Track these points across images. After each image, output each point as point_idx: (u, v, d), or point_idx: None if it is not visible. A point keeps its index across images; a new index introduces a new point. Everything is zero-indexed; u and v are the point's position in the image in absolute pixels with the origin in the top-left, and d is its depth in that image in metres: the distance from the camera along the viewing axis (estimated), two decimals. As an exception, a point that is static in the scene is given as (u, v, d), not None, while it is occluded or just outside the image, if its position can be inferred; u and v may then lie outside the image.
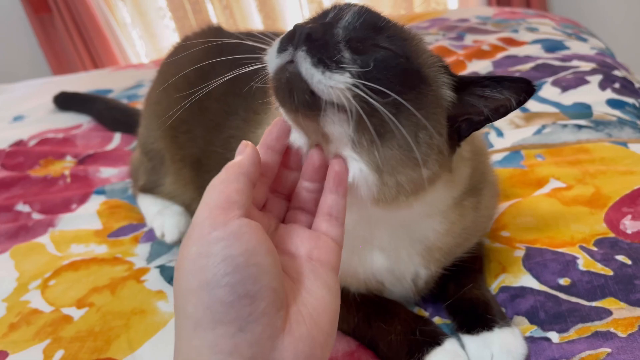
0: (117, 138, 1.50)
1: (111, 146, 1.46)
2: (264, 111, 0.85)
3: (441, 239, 0.67)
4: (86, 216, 1.14)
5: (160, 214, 1.03)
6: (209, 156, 0.92)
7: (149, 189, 1.09)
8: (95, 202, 1.19)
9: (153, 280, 0.92)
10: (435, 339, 0.64)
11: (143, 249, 1.03)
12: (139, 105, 1.48)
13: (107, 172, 1.32)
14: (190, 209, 1.00)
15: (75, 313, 0.86)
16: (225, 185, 0.46)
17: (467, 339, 0.65)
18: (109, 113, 1.58)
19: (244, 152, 0.50)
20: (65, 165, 1.37)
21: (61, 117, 1.70)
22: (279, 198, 0.56)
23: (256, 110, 0.86)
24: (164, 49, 3.14)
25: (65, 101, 1.73)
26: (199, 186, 0.95)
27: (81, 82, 2.01)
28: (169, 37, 3.20)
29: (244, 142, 0.51)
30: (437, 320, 0.72)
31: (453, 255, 0.72)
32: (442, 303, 0.73)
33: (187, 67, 1.00)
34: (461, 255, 0.73)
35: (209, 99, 0.94)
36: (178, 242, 0.99)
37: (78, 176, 1.31)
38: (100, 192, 1.23)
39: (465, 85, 0.59)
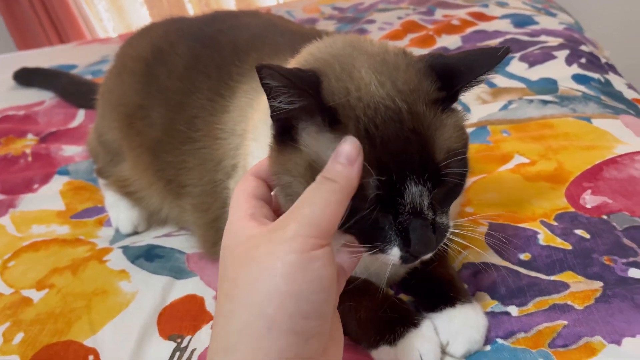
0: (80, 115, 1.46)
1: (75, 123, 1.42)
2: (230, 96, 0.83)
3: None
4: (48, 197, 1.12)
5: (115, 206, 1.03)
6: (171, 135, 0.90)
7: (107, 176, 1.08)
8: (58, 182, 1.17)
9: (116, 260, 0.90)
10: (410, 320, 0.63)
11: (107, 231, 1.01)
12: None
13: (70, 150, 1.29)
14: (148, 192, 0.99)
15: (35, 295, 0.84)
16: (332, 208, 0.46)
17: (431, 316, 0.66)
18: (75, 88, 1.53)
19: (345, 176, 0.48)
20: (27, 144, 1.33)
21: (22, 93, 1.65)
22: None
23: (222, 94, 0.84)
24: (132, 23, 3.06)
25: (27, 77, 1.68)
26: (157, 169, 0.94)
27: (44, 58, 1.94)
28: (137, 11, 3.12)
29: (349, 153, 0.50)
30: (401, 297, 0.73)
31: None
32: (407, 281, 0.73)
33: (145, 49, 0.98)
34: None
35: (169, 78, 0.92)
36: (132, 234, 1.00)
37: (40, 155, 1.27)
38: (64, 172, 1.20)
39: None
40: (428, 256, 0.56)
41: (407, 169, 0.50)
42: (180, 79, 0.91)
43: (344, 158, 0.47)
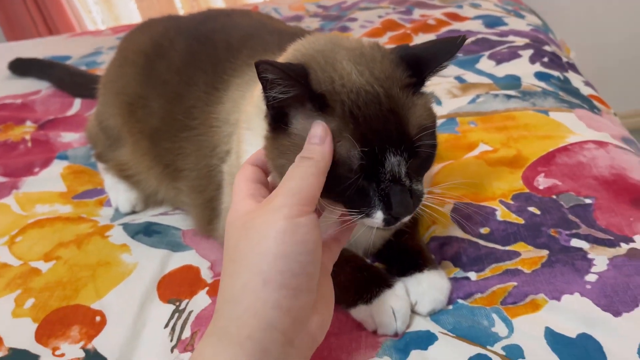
0: (77, 104, 1.52)
1: (71, 112, 1.49)
2: (224, 88, 0.91)
3: None
4: (50, 179, 1.19)
5: (114, 188, 1.11)
6: (169, 123, 0.97)
7: (106, 160, 1.15)
8: (58, 166, 1.23)
9: (117, 235, 0.98)
10: (385, 282, 0.71)
11: (107, 211, 1.09)
12: (99, 72, 1.51)
13: (68, 137, 1.36)
14: (146, 175, 1.06)
15: (43, 266, 0.92)
16: (310, 180, 0.55)
17: (402, 279, 0.74)
18: (70, 78, 1.59)
19: (318, 152, 0.56)
20: (26, 130, 1.39)
21: (18, 83, 1.70)
22: None
23: (217, 87, 0.92)
24: (121, 16, 3.10)
25: (22, 67, 1.73)
26: (156, 154, 1.01)
27: (37, 49, 1.99)
28: (126, 3, 3.15)
29: (320, 134, 0.57)
30: (376, 265, 0.81)
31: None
32: (382, 252, 0.81)
33: (146, 44, 1.06)
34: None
35: (169, 72, 1.00)
36: (131, 213, 1.08)
37: (39, 141, 1.34)
38: (63, 157, 1.27)
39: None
40: (407, 219, 0.64)
41: (387, 143, 0.59)
42: (179, 72, 0.98)
43: (317, 138, 0.57)
